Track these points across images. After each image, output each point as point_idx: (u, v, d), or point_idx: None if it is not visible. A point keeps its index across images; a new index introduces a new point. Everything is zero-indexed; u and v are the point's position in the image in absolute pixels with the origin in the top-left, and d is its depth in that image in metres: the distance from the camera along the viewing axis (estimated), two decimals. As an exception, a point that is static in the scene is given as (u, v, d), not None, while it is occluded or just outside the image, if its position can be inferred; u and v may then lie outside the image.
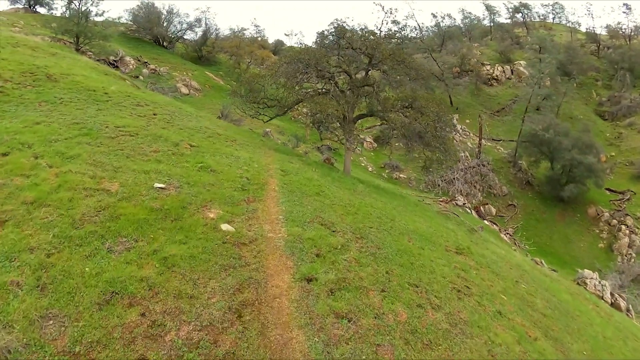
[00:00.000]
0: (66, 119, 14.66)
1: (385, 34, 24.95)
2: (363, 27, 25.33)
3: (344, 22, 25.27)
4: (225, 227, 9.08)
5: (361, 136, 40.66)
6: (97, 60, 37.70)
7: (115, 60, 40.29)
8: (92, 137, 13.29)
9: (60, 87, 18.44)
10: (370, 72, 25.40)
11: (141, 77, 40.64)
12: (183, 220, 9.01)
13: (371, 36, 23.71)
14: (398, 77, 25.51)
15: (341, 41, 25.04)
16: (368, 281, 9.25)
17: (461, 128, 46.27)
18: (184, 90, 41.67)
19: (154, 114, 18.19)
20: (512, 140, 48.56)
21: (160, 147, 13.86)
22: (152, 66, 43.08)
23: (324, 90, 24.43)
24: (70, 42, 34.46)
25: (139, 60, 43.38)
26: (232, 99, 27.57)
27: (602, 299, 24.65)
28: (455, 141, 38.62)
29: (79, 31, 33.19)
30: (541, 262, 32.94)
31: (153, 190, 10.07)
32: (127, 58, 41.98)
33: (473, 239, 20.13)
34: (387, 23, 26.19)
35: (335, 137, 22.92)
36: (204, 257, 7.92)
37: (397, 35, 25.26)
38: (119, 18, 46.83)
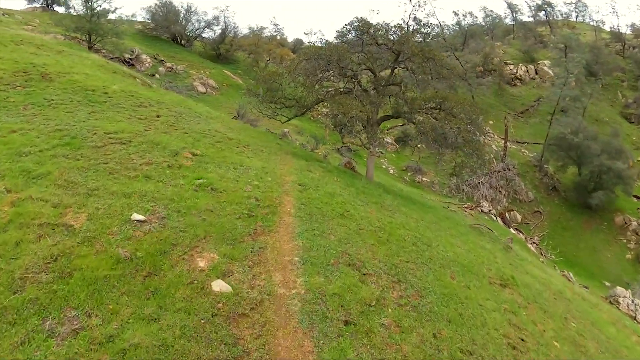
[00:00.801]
0: (49, 125, 12.10)
1: (412, 29, 21.89)
2: (387, 23, 22.29)
3: (364, 19, 22.24)
4: (218, 286, 6.28)
5: (385, 139, 37.59)
6: (112, 58, 35.37)
7: (130, 59, 37.92)
8: (73, 148, 10.70)
9: (55, 87, 15.92)
10: (395, 70, 22.47)
11: (157, 76, 38.21)
12: (160, 276, 6.25)
13: (398, 31, 20.66)
14: (427, 75, 22.64)
15: (364, 37, 22.12)
16: (414, 359, 6.46)
17: (485, 130, 42.82)
18: (201, 88, 39.13)
19: (158, 116, 15.57)
20: (537, 143, 44.97)
21: (154, 157, 11.19)
22: (168, 64, 40.59)
23: (345, 89, 21.58)
24: (83, 40, 32.08)
25: (155, 59, 40.94)
26: (248, 98, 24.86)
27: (635, 319, 22.23)
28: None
29: (90, 28, 30.76)
30: (569, 275, 30.19)
31: (128, 224, 7.36)
32: (143, 56, 39.57)
33: (511, 261, 17.46)
34: (414, 17, 22.61)
35: (358, 141, 20.04)
36: (182, 347, 5.11)
37: (426, 30, 22.17)
38: (132, 15, 44.38)
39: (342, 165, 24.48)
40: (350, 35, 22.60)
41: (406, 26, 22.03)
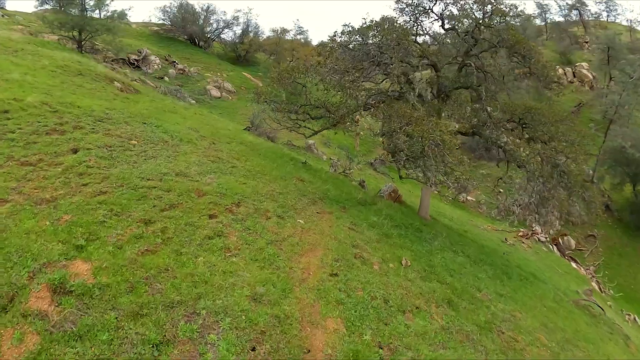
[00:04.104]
0: None
1: (494, 9, 12.86)
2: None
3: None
4: None
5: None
6: (115, 60, 27.18)
7: (136, 60, 29.61)
8: None
9: None
10: (464, 66, 13.73)
11: (166, 78, 29.89)
12: None
13: (488, 6, 11.78)
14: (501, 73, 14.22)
15: (421, 19, 13.24)
16: None
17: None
18: (215, 92, 30.65)
19: (74, 151, 7.16)
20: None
21: None
22: (180, 66, 32.14)
23: (396, 92, 12.81)
24: (73, 39, 23.60)
25: (166, 60, 32.56)
26: (260, 105, 16.27)
27: None
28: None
29: (75, 24, 22.28)
30: (635, 319, 21.55)
31: None
32: (152, 57, 31.20)
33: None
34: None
35: (422, 175, 10.98)
36: None
37: (516, 11, 13.09)
38: (129, 8, 35.59)
39: (386, 196, 16.15)
40: (400, 19, 13.62)
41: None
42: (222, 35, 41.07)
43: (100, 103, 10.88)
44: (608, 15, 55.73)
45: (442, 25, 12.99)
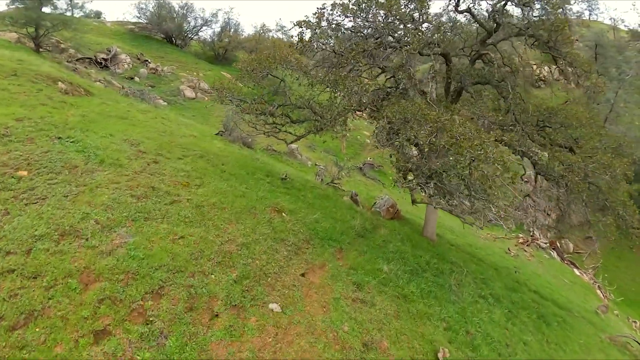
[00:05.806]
0: None
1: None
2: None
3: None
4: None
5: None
6: (80, 59, 23.48)
7: (104, 59, 25.86)
8: None
9: None
10: (479, 58, 10.99)
11: (137, 79, 26.25)
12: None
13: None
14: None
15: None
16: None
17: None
18: (189, 93, 27.11)
19: None
20: (575, 152, 33.07)
21: None
22: (152, 65, 28.46)
23: (398, 89, 9.75)
24: (30, 37, 19.78)
25: (138, 59, 28.85)
26: (225, 106, 13.02)
27: None
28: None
29: (29, 19, 18.45)
30: None
31: None
32: (122, 56, 27.46)
33: None
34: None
35: (450, 201, 7.68)
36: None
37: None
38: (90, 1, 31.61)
39: (384, 213, 13.35)
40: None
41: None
42: (200, 34, 37.40)
43: (11, 111, 7.51)
44: (590, 14, 53.78)
45: (456, 7, 10.02)
